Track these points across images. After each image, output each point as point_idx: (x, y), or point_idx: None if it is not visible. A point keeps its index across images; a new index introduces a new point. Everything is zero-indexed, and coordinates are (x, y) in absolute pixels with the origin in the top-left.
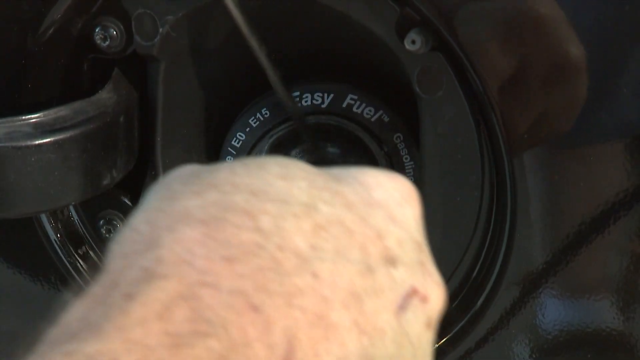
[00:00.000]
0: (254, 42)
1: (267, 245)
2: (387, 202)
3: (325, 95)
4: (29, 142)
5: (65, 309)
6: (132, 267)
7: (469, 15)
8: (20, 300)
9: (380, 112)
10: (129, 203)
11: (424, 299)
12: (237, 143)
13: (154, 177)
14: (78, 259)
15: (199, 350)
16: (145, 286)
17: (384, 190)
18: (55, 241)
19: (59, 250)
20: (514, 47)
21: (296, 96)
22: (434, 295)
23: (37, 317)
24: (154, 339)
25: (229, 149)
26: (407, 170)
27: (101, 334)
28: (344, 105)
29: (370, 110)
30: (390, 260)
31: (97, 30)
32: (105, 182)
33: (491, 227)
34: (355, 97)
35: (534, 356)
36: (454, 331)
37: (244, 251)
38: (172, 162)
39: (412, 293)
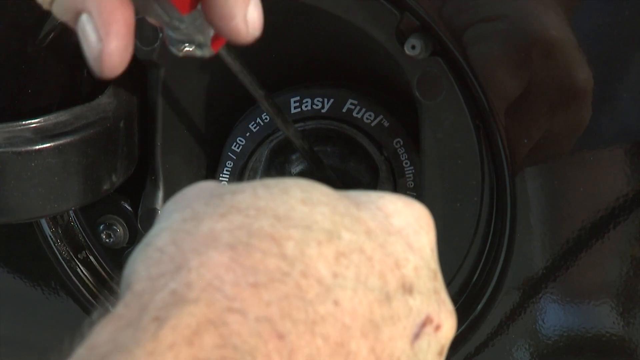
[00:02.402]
0: (254, 89)
1: (292, 272)
2: (405, 230)
3: (326, 100)
4: (29, 148)
5: (92, 329)
6: (161, 290)
7: (479, 36)
8: (20, 304)
9: (380, 117)
10: (129, 208)
11: (438, 328)
12: (237, 148)
13: (154, 182)
14: (78, 263)
15: None
16: (175, 310)
17: (402, 217)
18: (55, 246)
19: (58, 255)
20: (522, 69)
21: (296, 101)
22: (447, 324)
23: (37, 321)
24: None
25: (229, 153)
26: (407, 176)
27: (131, 358)
28: (344, 110)
29: (370, 115)
30: (407, 289)
31: None
32: (105, 187)
33: (491, 232)
34: (355, 102)
35: None
36: (454, 336)
37: (270, 278)
38: (172, 167)
39: (427, 322)
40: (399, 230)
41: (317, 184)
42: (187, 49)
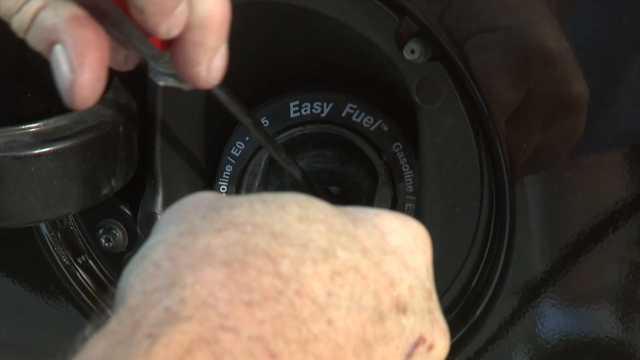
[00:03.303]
0: (242, 117)
1: (286, 290)
2: (401, 249)
3: (325, 104)
4: (28, 152)
5: (85, 344)
6: (155, 306)
7: (479, 46)
8: (19, 308)
9: (380, 121)
10: (128, 212)
11: (431, 348)
12: (237, 152)
13: (153, 186)
14: (77, 268)
15: None
16: (168, 328)
17: (398, 236)
18: (55, 250)
19: (58, 259)
20: (521, 80)
21: (295, 105)
22: (440, 343)
23: (37, 325)
24: None
25: (229, 158)
26: (406, 180)
27: None
28: (344, 114)
29: (369, 120)
30: (401, 309)
31: None
32: (105, 191)
33: (490, 236)
34: (355, 107)
35: None
36: (452, 341)
37: (264, 296)
38: (172, 171)
39: (420, 341)
40: (395, 250)
41: (315, 199)
42: (167, 81)
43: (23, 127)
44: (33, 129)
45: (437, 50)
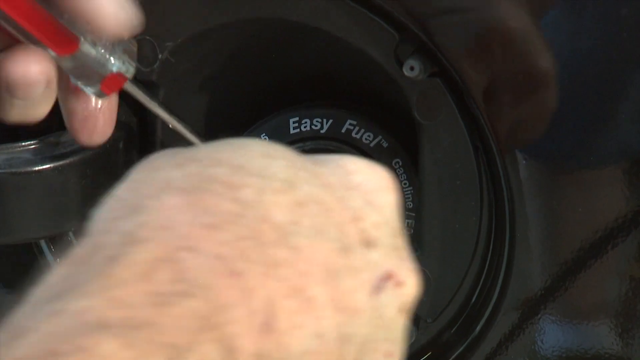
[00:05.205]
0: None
1: (247, 215)
2: (365, 187)
3: (324, 120)
4: (28, 169)
5: (49, 271)
6: (115, 231)
7: (442, 28)
8: None
9: (379, 137)
10: None
11: (399, 284)
12: None
13: None
14: None
15: (182, 310)
16: (127, 249)
17: (363, 175)
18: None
19: None
20: (485, 60)
21: (295, 121)
22: (409, 281)
23: None
24: (138, 297)
25: None
26: (405, 196)
27: (86, 292)
28: (343, 130)
29: (369, 136)
30: (366, 242)
31: None
32: None
33: (490, 252)
34: (355, 123)
35: None
36: (452, 356)
37: (224, 219)
38: None
39: (388, 277)
40: (359, 187)
41: (279, 144)
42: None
43: (23, 144)
44: (33, 146)
45: (436, 67)
